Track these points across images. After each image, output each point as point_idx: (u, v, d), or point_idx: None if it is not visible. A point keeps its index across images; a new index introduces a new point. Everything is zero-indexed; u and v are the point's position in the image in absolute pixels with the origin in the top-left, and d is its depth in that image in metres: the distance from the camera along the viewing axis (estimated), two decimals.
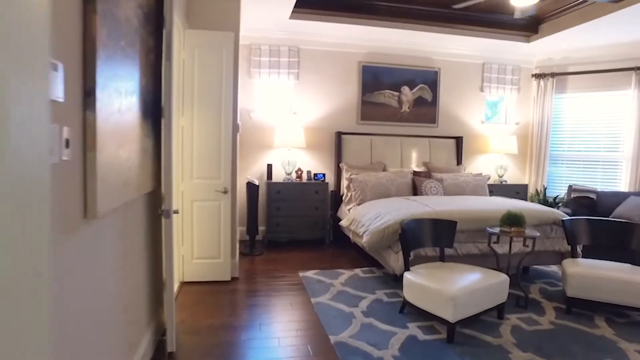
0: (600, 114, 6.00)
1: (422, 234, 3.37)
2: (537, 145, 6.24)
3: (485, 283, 2.90)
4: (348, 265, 4.51)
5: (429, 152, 5.90)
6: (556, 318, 3.21)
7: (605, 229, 3.63)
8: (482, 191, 5.28)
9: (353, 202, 4.90)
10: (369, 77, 5.69)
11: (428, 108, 5.95)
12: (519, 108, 6.37)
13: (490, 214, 3.82)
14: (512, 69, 6.18)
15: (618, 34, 5.10)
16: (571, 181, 6.19)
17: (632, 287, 3.12)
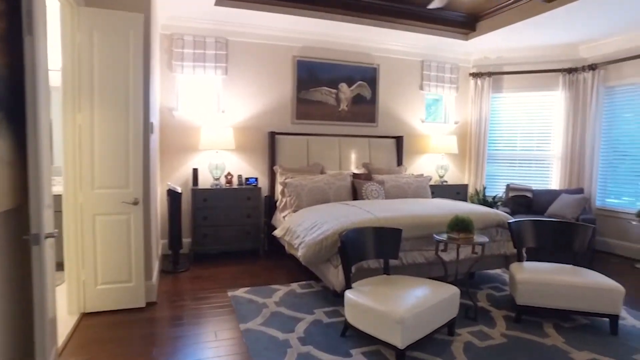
0: (533, 113, 6.07)
1: (364, 245, 3.01)
2: (475, 144, 6.19)
3: (436, 299, 2.59)
4: (284, 279, 4.06)
5: (368, 152, 5.62)
6: (507, 329, 2.99)
7: (550, 230, 3.51)
8: (425, 193, 5.08)
9: (288, 208, 4.46)
10: (305, 73, 5.29)
11: (367, 106, 5.67)
12: (458, 107, 6.30)
13: (436, 219, 3.56)
14: (450, 67, 6.08)
15: (548, 36, 5.13)
16: (508, 180, 6.21)
17: (576, 291, 2.98)
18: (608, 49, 5.36)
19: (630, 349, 2.76)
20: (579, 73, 5.62)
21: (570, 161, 5.75)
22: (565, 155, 5.78)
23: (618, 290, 2.94)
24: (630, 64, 5.16)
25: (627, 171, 5.33)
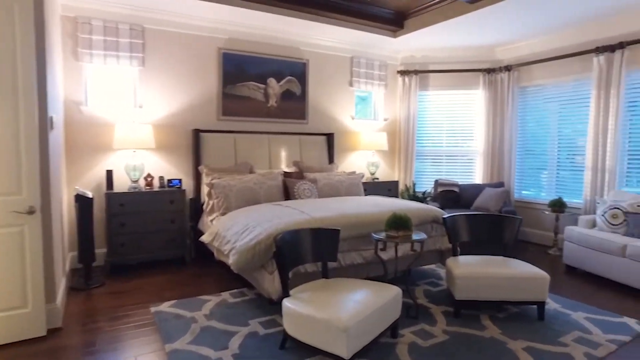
0: (457, 111, 6.31)
1: (301, 249, 2.82)
2: (404, 141, 6.29)
3: (380, 302, 2.47)
4: (214, 288, 3.74)
5: (299, 150, 5.44)
6: (447, 325, 2.97)
7: (482, 224, 3.59)
8: (358, 190, 5.01)
9: (216, 211, 4.13)
10: (231, 67, 4.96)
11: (297, 102, 5.48)
12: (386, 104, 6.35)
13: (373, 218, 3.46)
14: (379, 64, 6.11)
15: (469, 37, 5.33)
16: (436, 176, 6.40)
17: (509, 282, 3.05)
18: (520, 52, 5.71)
19: (556, 333, 2.87)
20: (497, 73, 5.93)
21: (491, 156, 6.06)
22: (486, 151, 6.07)
23: (544, 278, 3.05)
24: (538, 66, 5.54)
25: (532, 166, 5.73)
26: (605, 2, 4.21)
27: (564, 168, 5.46)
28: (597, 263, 4.05)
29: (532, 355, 2.55)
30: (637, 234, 3.95)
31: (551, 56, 5.32)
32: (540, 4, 4.24)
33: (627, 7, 4.33)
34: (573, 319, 3.11)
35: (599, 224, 4.28)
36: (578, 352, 2.61)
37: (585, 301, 3.52)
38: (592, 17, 4.62)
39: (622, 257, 3.82)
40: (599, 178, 4.82)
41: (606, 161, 4.74)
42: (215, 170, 4.54)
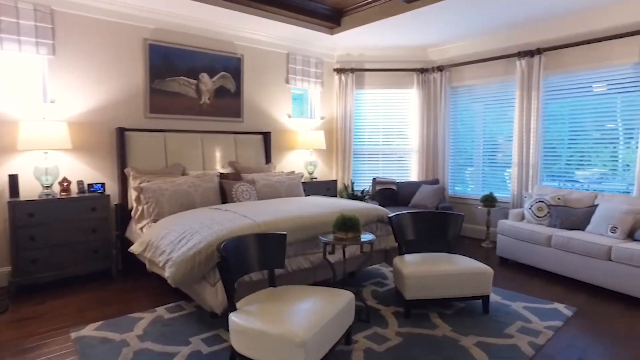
0: (392, 110, 6.40)
1: (246, 257, 2.59)
2: (342, 140, 6.25)
3: (334, 310, 2.33)
4: (147, 303, 3.37)
5: (234, 150, 5.15)
6: (399, 326, 2.92)
7: (427, 222, 3.61)
8: (297, 191, 4.86)
9: (146, 218, 3.74)
10: (159, 60, 4.54)
11: (231, 100, 5.19)
12: (323, 102, 6.27)
13: (319, 220, 3.33)
14: (315, 62, 6.00)
15: (404, 37, 5.42)
16: (373, 174, 6.44)
17: (456, 278, 3.08)
18: (451, 53, 5.93)
19: (501, 325, 2.95)
20: (430, 73, 6.11)
21: (426, 154, 6.23)
22: (421, 149, 6.23)
23: (488, 272, 3.13)
24: (468, 67, 5.79)
25: (464, 163, 6.00)
26: (525, 12, 4.50)
27: (491, 165, 5.76)
28: (527, 254, 4.29)
29: (483, 351, 2.57)
30: (559, 224, 4.24)
31: (479, 58, 5.58)
32: (470, 10, 4.41)
33: (543, 18, 4.69)
34: (513, 310, 3.23)
35: (527, 216, 4.55)
36: (523, 342, 2.69)
37: (521, 291, 3.69)
38: (515, 24, 4.90)
39: (548, 246, 4.08)
40: (524, 173, 5.14)
41: (530, 158, 5.07)
42: (143, 173, 4.12)
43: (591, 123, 4.75)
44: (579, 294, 3.62)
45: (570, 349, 2.65)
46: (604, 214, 3.93)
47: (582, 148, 4.84)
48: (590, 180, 4.82)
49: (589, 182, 4.83)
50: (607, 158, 4.69)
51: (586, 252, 3.72)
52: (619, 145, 4.58)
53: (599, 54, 4.56)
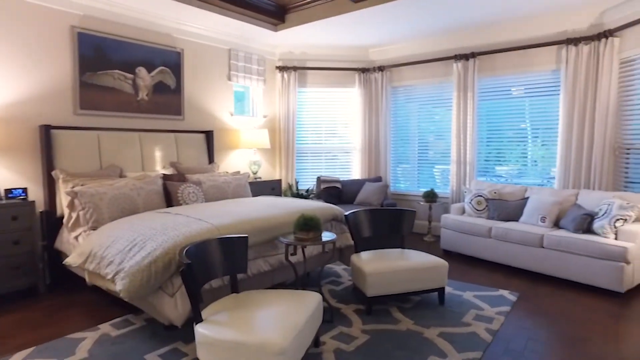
0: (335, 108, 6.44)
1: (210, 263, 2.44)
2: (285, 138, 6.17)
3: (306, 313, 2.26)
4: (87, 321, 3.03)
5: (176, 149, 4.85)
6: (363, 324, 2.93)
7: (382, 219, 3.67)
8: (245, 191, 4.70)
9: (82, 225, 3.38)
10: (90, 51, 4.11)
11: (172, 96, 4.87)
12: (266, 100, 6.13)
13: (278, 221, 3.24)
14: (257, 59, 5.84)
15: (346, 37, 5.47)
16: (317, 172, 6.44)
17: (415, 273, 3.16)
18: (391, 54, 6.11)
19: (458, 314, 3.09)
20: (371, 73, 6.24)
21: (368, 152, 6.36)
22: (363, 147, 6.35)
23: (444, 265, 3.25)
24: (407, 68, 6.00)
25: (404, 161, 6.24)
26: (461, 18, 4.78)
27: (428, 162, 6.04)
28: (469, 245, 4.55)
29: (447, 341, 2.67)
30: (496, 216, 4.55)
31: (419, 60, 5.81)
32: (411, 13, 4.57)
33: (477, 24, 5.03)
34: (465, 299, 3.40)
35: (467, 210, 4.83)
36: (480, 329, 2.84)
37: (468, 281, 3.89)
38: (452, 29, 5.18)
39: (489, 237, 4.36)
40: (462, 170, 5.45)
41: (467, 155, 5.39)
42: (75, 176, 3.71)
43: (508, 123, 5.23)
44: (519, 280, 3.91)
45: (521, 331, 2.84)
46: (534, 205, 4.29)
47: (498, 146, 5.32)
48: (512, 175, 5.28)
49: (511, 176, 5.29)
50: (519, 155, 5.20)
51: (522, 241, 4.03)
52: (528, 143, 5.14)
53: (524, 60, 4.97)
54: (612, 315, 3.12)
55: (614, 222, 3.56)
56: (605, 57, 4.33)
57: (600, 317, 3.09)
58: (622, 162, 4.37)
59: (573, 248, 3.67)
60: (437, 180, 6.01)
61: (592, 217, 3.77)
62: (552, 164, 4.96)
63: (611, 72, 4.31)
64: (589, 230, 3.78)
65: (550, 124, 4.91)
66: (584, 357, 2.50)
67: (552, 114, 4.89)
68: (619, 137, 4.38)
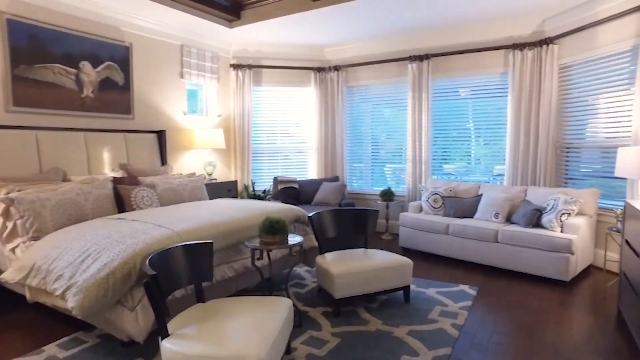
0: (290, 107, 6.37)
1: (175, 272, 2.28)
2: (240, 139, 6.00)
3: (280, 320, 2.18)
4: (29, 343, 2.73)
5: (126, 150, 4.55)
6: (332, 327, 2.89)
7: (346, 219, 3.66)
8: (201, 194, 4.50)
9: (21, 236, 3.05)
10: (24, 41, 3.73)
11: (120, 94, 4.56)
12: (220, 99, 5.92)
13: (242, 224, 3.12)
14: (211, 56, 5.62)
15: (302, 35, 5.42)
16: (273, 173, 6.33)
17: (381, 272, 3.18)
18: (346, 54, 6.13)
19: (424, 312, 3.14)
20: (327, 72, 6.23)
21: (324, 152, 6.34)
22: (320, 147, 6.33)
23: (409, 264, 3.30)
24: (363, 68, 6.06)
25: (360, 160, 6.31)
26: (415, 20, 4.89)
27: (384, 161, 6.14)
28: (427, 242, 4.66)
29: (416, 339, 2.70)
30: (452, 214, 4.70)
31: (374, 60, 5.88)
32: (366, 14, 4.62)
33: (431, 27, 5.17)
34: (429, 296, 3.47)
35: (424, 208, 4.95)
36: (447, 324, 2.90)
37: (429, 277, 3.98)
38: (407, 30, 5.29)
39: (446, 234, 4.49)
40: (417, 169, 5.59)
41: (422, 154, 5.53)
42: (10, 180, 3.36)
43: (456, 122, 5.46)
44: (477, 274, 4.06)
45: (484, 324, 2.94)
46: (488, 202, 4.48)
47: (445, 145, 5.57)
48: (460, 173, 5.52)
49: (459, 174, 5.53)
50: (463, 154, 5.46)
51: (478, 236, 4.20)
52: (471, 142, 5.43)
53: (475, 62, 5.18)
54: (561, 303, 3.32)
55: (560, 216, 3.80)
56: (546, 62, 4.61)
57: (551, 305, 3.28)
58: (563, 159, 4.68)
59: (525, 242, 3.87)
60: (387, 178, 6.14)
61: (540, 212, 4.00)
62: (495, 162, 5.26)
63: (552, 77, 4.60)
64: (538, 224, 4.01)
65: (498, 123, 5.16)
66: (542, 345, 2.63)
67: (500, 114, 5.14)
68: (560, 137, 4.69)
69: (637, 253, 2.61)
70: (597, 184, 4.32)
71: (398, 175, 6.04)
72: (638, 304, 2.53)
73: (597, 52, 4.18)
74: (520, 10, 4.59)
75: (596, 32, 4.18)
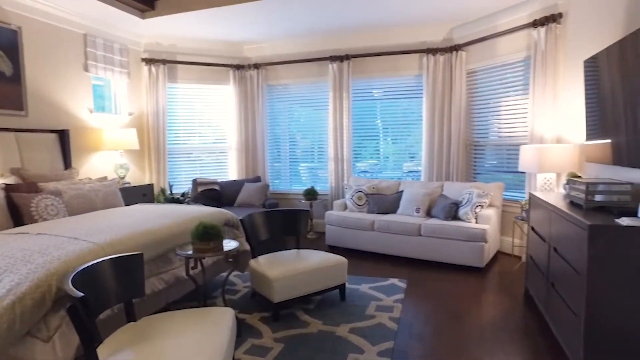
0: (209, 106, 6.08)
1: (103, 291, 2.03)
2: (154, 139, 5.57)
3: (225, 333, 2.05)
4: None
5: (19, 153, 3.95)
6: (273, 332, 2.82)
7: (279, 220, 3.59)
8: (116, 200, 4.09)
9: None
10: None
11: (8, 86, 3.93)
12: (131, 96, 5.43)
13: (171, 231, 2.89)
14: (120, 48, 5.12)
15: (220, 30, 5.20)
16: (191, 175, 6.00)
17: (318, 273, 3.18)
18: (266, 52, 6.03)
19: (361, 308, 3.21)
20: (246, 70, 6.06)
21: (245, 152, 6.17)
22: (240, 147, 6.14)
23: (344, 262, 3.34)
24: (283, 67, 6.01)
25: (281, 160, 6.27)
26: (335, 21, 4.96)
27: (304, 160, 6.17)
28: (354, 239, 4.78)
29: (359, 335, 2.74)
30: (376, 210, 4.88)
31: (294, 59, 5.86)
32: (286, 12, 4.57)
33: (350, 28, 5.28)
34: (363, 292, 3.55)
35: (349, 206, 5.06)
36: (385, 318, 3.00)
37: (360, 274, 4.09)
38: (327, 30, 5.34)
39: (372, 230, 4.65)
40: (340, 167, 5.70)
41: (344, 153, 5.66)
42: None
43: (373, 122, 5.72)
44: (404, 268, 4.27)
45: (418, 315, 3.10)
46: (408, 198, 4.73)
47: (362, 143, 5.81)
48: (375, 171, 5.80)
49: (375, 171, 5.80)
50: (372, 151, 5.76)
51: (403, 231, 4.41)
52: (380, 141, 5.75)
53: (393, 64, 5.44)
54: (479, 288, 3.64)
55: (475, 208, 4.15)
56: (456, 67, 5.01)
57: (472, 291, 3.57)
58: (472, 156, 5.13)
59: (445, 234, 4.16)
60: (302, 178, 6.19)
61: (457, 205, 4.33)
62: (403, 160, 5.62)
63: (461, 80, 5.00)
64: (455, 217, 4.34)
65: (406, 123, 5.50)
66: (469, 327, 2.85)
67: (412, 113, 5.47)
68: (469, 135, 5.13)
69: (542, 238, 2.95)
70: (500, 178, 4.81)
71: (315, 173, 6.11)
72: (542, 281, 2.86)
73: (498, 60, 4.65)
74: (431, 18, 4.91)
75: (496, 42, 4.64)
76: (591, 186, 2.40)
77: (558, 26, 3.97)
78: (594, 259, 2.00)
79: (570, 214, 2.29)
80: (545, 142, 4.10)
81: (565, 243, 2.37)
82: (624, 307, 1.98)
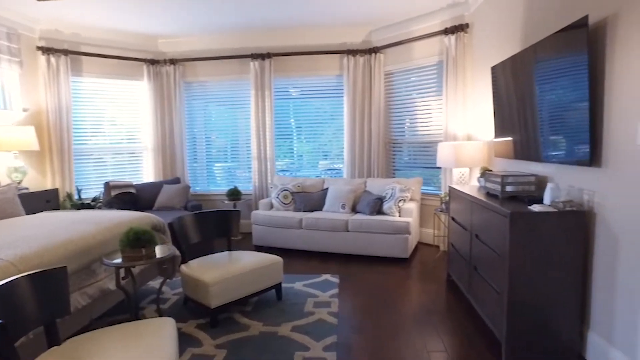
0: (120, 103, 5.60)
1: (21, 313, 1.78)
2: (57, 138, 4.99)
3: (169, 348, 1.93)
4: None
5: None
6: (213, 339, 2.71)
7: (210, 222, 3.45)
8: (16, 208, 3.59)
9: None
10: None
11: None
12: (26, 90, 4.78)
13: (96, 239, 2.63)
14: (7, 32, 4.48)
15: (132, 21, 4.82)
16: (102, 178, 5.49)
17: (255, 274, 3.13)
18: (182, 47, 5.73)
19: (299, 306, 3.22)
20: (162, 66, 5.70)
21: (162, 152, 5.82)
22: (156, 147, 5.77)
23: (279, 261, 3.33)
24: (202, 63, 5.77)
25: (200, 160, 6.05)
26: (256, 18, 4.89)
27: (223, 160, 6.01)
28: (281, 238, 4.78)
29: (302, 333, 2.75)
30: (302, 208, 4.94)
31: (213, 56, 5.66)
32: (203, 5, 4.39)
33: (272, 26, 5.25)
34: (298, 290, 3.57)
35: (275, 205, 5.05)
36: (324, 314, 3.05)
37: (292, 272, 4.10)
38: (248, 27, 5.25)
39: (300, 228, 4.69)
40: (263, 166, 5.65)
41: (267, 152, 5.61)
42: None
43: (284, 121, 5.79)
44: (334, 263, 4.37)
45: (354, 308, 3.20)
46: (334, 194, 4.86)
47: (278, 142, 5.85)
48: (293, 169, 5.89)
49: (292, 170, 5.89)
50: (286, 150, 5.88)
51: (331, 227, 4.52)
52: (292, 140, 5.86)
53: (314, 64, 5.53)
54: (406, 277, 3.88)
55: (398, 202, 4.41)
56: (375, 68, 5.26)
57: (400, 280, 3.80)
58: (391, 153, 5.43)
59: (372, 228, 4.35)
60: (218, 178, 6.06)
61: (381, 200, 4.56)
62: (318, 158, 5.78)
63: (380, 81, 5.26)
64: (380, 211, 4.56)
65: (327, 122, 5.65)
66: (404, 314, 3.03)
67: (328, 113, 5.64)
68: (388, 133, 5.42)
69: (463, 226, 3.24)
70: (417, 173, 5.16)
71: (232, 173, 6.00)
72: (465, 266, 3.15)
73: (413, 63, 4.98)
74: (350, 21, 5.09)
75: (412, 46, 4.96)
76: (505, 178, 2.70)
77: (465, 35, 4.37)
78: (514, 241, 2.26)
79: (491, 203, 2.55)
80: (457, 139, 4.50)
81: (487, 230, 2.64)
82: (539, 282, 2.27)
